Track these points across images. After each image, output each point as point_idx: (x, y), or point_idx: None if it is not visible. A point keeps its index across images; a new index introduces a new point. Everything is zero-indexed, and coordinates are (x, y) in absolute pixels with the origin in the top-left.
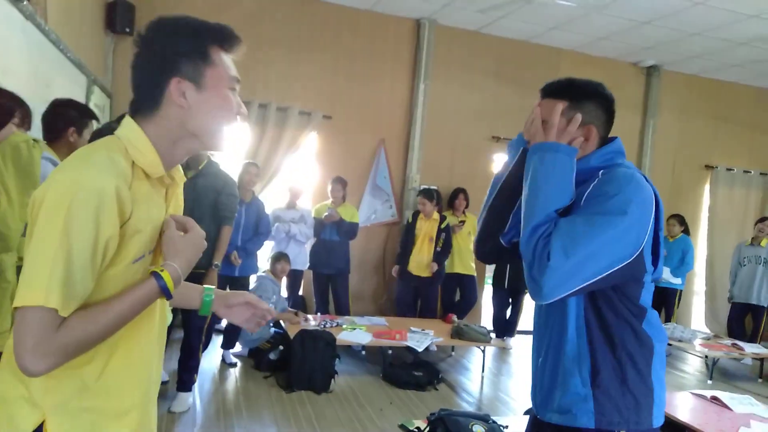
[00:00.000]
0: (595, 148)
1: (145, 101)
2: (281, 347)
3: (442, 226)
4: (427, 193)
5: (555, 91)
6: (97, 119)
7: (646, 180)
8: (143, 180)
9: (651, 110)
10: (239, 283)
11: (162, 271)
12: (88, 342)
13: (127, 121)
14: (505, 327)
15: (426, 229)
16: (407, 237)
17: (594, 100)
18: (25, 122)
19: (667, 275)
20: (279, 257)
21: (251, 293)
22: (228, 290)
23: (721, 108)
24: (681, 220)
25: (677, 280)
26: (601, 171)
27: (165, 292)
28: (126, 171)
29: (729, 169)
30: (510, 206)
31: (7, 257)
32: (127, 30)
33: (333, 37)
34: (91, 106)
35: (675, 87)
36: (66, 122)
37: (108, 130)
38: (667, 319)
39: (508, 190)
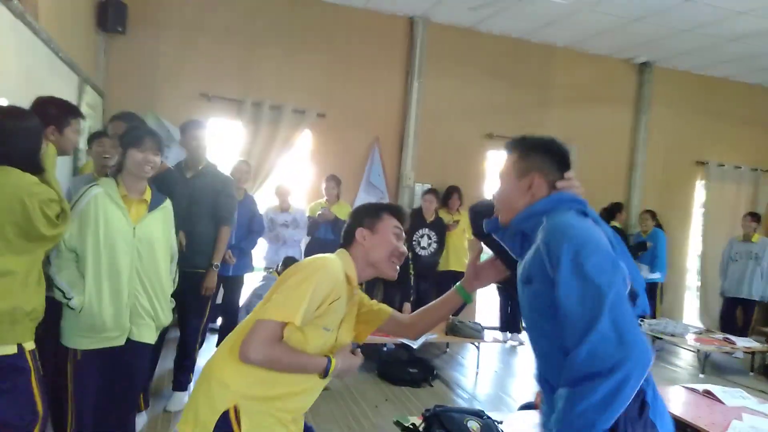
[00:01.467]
0: (547, 192)
1: (347, 240)
2: None
3: (432, 219)
4: (436, 193)
5: (508, 146)
6: (82, 116)
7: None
8: (346, 283)
9: (643, 106)
10: (233, 282)
11: (333, 359)
12: (281, 361)
13: (341, 250)
14: (508, 323)
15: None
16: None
17: (538, 151)
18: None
19: (645, 272)
20: (288, 262)
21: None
22: (222, 289)
23: (712, 104)
24: (653, 214)
25: (656, 275)
26: (544, 216)
27: (326, 370)
28: (342, 274)
29: (720, 165)
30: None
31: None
32: (119, 29)
33: (327, 35)
34: (83, 105)
35: (667, 83)
36: (45, 121)
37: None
38: (651, 314)
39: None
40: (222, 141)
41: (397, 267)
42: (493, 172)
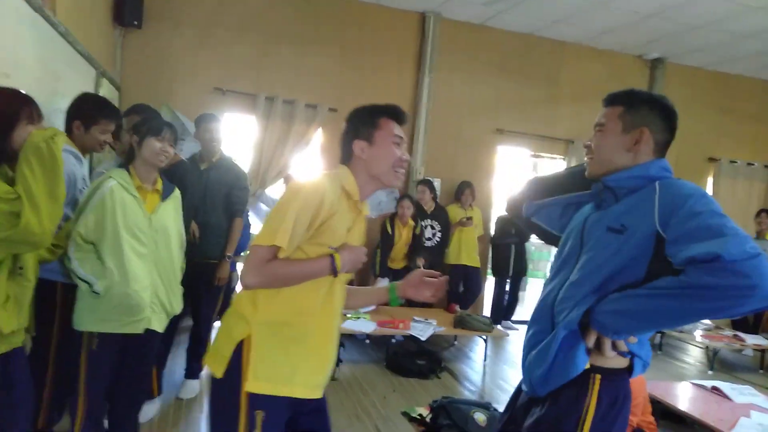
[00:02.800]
0: (651, 154)
1: (345, 156)
2: None
3: (416, 231)
4: (429, 184)
5: (613, 97)
6: (116, 118)
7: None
8: (345, 199)
9: None
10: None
11: (336, 254)
12: (280, 278)
13: (341, 166)
14: (505, 311)
15: (405, 236)
16: (386, 244)
17: (648, 105)
18: (37, 118)
19: None
20: None
21: (420, 269)
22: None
23: (725, 100)
24: None
25: None
26: (657, 182)
27: (332, 268)
28: (338, 192)
29: (732, 162)
30: (560, 190)
31: (29, 257)
32: (135, 23)
33: (339, 31)
34: None
35: (679, 79)
36: (75, 114)
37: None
38: None
39: (552, 189)
40: (236, 135)
41: (402, 175)
42: (503, 168)
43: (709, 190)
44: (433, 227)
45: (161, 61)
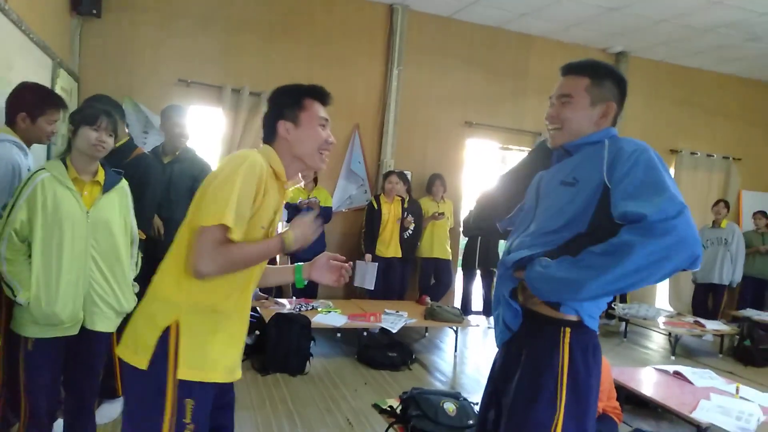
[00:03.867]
0: (609, 124)
1: (268, 136)
2: (257, 332)
3: (406, 205)
4: (401, 175)
5: (576, 68)
6: (62, 107)
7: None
8: (273, 178)
9: None
10: None
11: (284, 233)
12: (236, 264)
13: (264, 145)
14: (484, 307)
15: (393, 211)
16: (372, 222)
17: (611, 79)
18: None
19: None
20: None
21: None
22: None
23: (686, 93)
24: None
25: None
26: (607, 139)
27: (284, 248)
28: (268, 168)
29: (693, 153)
30: (518, 196)
31: None
32: (94, 12)
33: (306, 23)
34: (58, 89)
35: (642, 73)
36: (18, 106)
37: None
38: (622, 300)
39: (522, 179)
40: (202, 127)
41: (326, 157)
42: (472, 160)
43: None
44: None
45: (122, 51)
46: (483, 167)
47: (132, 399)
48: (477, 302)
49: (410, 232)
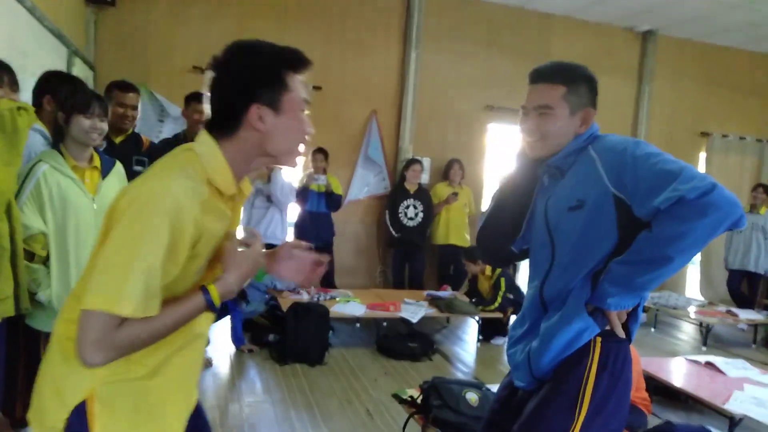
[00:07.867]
0: (586, 130)
1: (223, 123)
2: (276, 332)
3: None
4: (422, 164)
5: (549, 74)
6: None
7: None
8: (216, 196)
9: (646, 76)
10: None
11: (210, 286)
12: (140, 343)
13: (206, 138)
14: None
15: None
16: (399, 195)
17: (586, 83)
18: (13, 88)
19: None
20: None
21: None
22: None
23: (716, 73)
24: None
25: None
26: (590, 145)
27: (210, 306)
28: (203, 193)
29: (724, 136)
30: (523, 209)
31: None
32: (109, 0)
33: (321, 6)
34: None
35: (670, 52)
36: (44, 89)
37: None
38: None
39: (519, 199)
40: None
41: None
42: (494, 146)
43: (702, 165)
44: (415, 207)
45: (137, 40)
46: (506, 153)
47: None
48: None
49: (418, 221)
